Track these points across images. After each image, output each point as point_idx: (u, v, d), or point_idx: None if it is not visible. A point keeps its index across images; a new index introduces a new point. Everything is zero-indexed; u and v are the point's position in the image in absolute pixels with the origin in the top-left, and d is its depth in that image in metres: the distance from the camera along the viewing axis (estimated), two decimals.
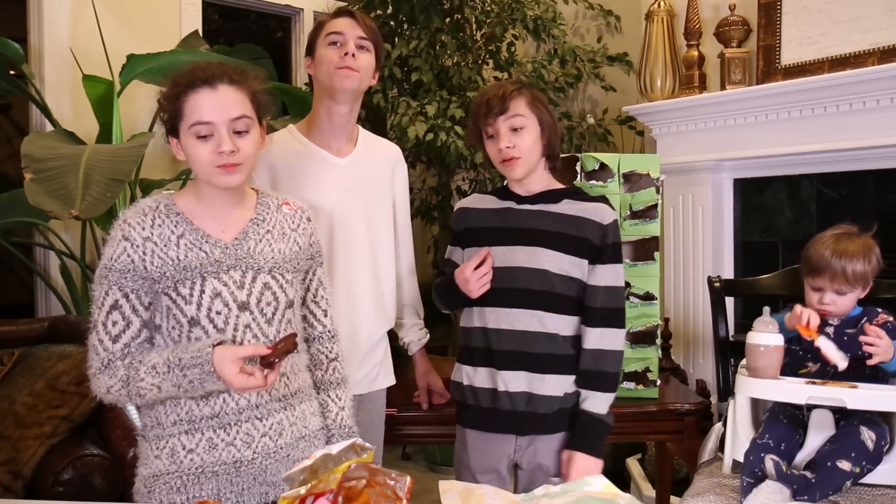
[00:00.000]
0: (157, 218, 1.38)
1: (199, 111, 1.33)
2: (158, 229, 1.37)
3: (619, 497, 1.12)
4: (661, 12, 3.27)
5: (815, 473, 1.50)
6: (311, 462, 1.00)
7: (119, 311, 1.35)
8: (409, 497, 0.96)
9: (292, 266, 1.47)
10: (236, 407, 1.37)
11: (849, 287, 1.66)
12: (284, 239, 1.47)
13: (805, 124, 2.84)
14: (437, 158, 3.18)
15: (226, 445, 1.36)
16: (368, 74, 1.79)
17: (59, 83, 3.06)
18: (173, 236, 1.37)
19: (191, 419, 1.36)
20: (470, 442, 1.73)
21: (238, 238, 1.41)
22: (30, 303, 3.13)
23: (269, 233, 1.46)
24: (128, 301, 1.35)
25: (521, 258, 1.67)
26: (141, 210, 1.38)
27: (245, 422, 1.37)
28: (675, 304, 3.26)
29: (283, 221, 1.49)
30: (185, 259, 1.35)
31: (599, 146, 3.64)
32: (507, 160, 1.66)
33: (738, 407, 1.72)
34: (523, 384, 1.66)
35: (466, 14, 3.35)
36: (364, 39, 1.77)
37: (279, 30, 4.13)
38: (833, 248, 1.66)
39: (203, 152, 1.33)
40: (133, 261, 1.34)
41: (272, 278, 1.42)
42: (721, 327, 2.15)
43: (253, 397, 1.38)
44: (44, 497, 2.03)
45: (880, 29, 2.68)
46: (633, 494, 2.97)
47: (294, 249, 1.48)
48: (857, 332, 1.64)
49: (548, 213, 1.71)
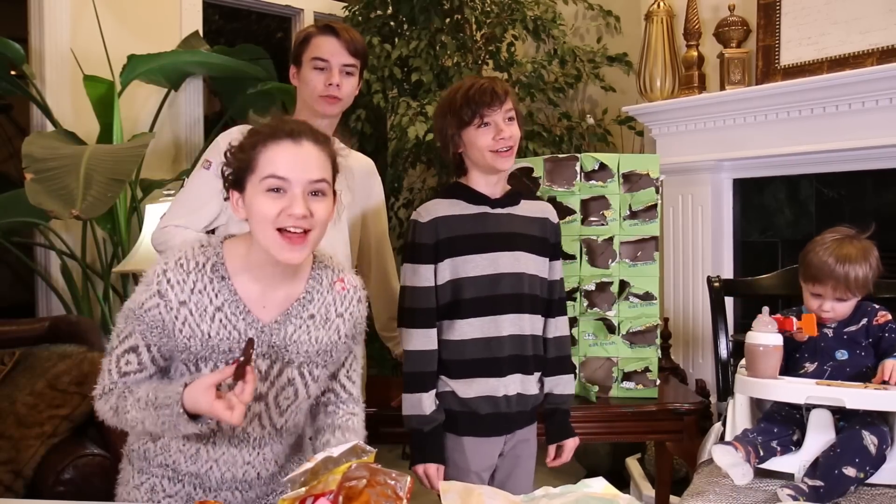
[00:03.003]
0: (199, 281, 1.25)
1: (274, 165, 1.19)
2: (198, 296, 1.25)
3: (619, 497, 1.12)
4: (660, 13, 3.27)
5: (822, 482, 1.50)
6: (313, 465, 1.00)
7: (136, 354, 1.28)
8: (409, 497, 0.96)
9: (324, 360, 1.35)
10: (220, 477, 1.34)
11: (850, 295, 1.65)
12: (327, 326, 1.34)
13: (804, 124, 2.85)
14: (437, 158, 3.18)
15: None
16: (352, 96, 1.85)
17: (59, 83, 3.06)
18: (211, 307, 1.25)
19: (175, 469, 1.34)
20: (468, 447, 1.72)
21: (278, 321, 1.30)
22: (30, 303, 3.14)
23: (313, 318, 1.32)
24: (148, 351, 1.28)
25: (505, 264, 1.69)
26: (184, 268, 1.25)
27: (226, 490, 1.35)
28: (675, 304, 3.26)
29: (330, 304, 1.35)
30: (216, 337, 1.26)
31: (599, 146, 3.64)
32: (507, 150, 1.67)
33: (737, 407, 1.72)
34: (518, 387, 1.71)
35: (466, 14, 3.35)
36: (349, 65, 1.79)
37: (279, 30, 4.13)
38: (836, 256, 1.62)
39: (271, 209, 1.18)
40: (164, 320, 1.24)
41: (299, 374, 1.32)
42: (720, 327, 2.15)
43: (239, 474, 1.34)
44: (45, 496, 2.03)
45: (879, 29, 2.68)
46: (632, 494, 2.98)
47: (334, 339, 1.35)
48: (860, 331, 1.66)
49: (518, 216, 1.74)
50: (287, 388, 1.32)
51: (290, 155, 1.19)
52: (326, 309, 1.34)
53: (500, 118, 1.66)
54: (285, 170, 1.19)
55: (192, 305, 1.24)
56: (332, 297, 1.35)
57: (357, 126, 3.42)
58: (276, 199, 1.19)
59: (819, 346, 1.69)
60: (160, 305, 1.24)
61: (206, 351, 1.26)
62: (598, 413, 2.16)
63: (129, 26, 3.26)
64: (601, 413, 2.16)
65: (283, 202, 1.18)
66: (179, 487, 1.34)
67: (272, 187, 1.19)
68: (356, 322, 1.39)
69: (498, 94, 1.66)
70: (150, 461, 1.35)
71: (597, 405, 2.17)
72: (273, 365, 1.30)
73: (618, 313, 2.22)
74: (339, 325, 1.36)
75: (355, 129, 3.43)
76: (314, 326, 1.32)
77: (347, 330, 1.37)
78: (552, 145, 3.46)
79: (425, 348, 1.68)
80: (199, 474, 1.34)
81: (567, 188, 2.22)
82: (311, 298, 1.33)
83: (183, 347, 1.26)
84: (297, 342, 1.31)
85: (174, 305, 1.24)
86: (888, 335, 1.66)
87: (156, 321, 1.25)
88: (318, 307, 1.33)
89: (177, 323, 1.24)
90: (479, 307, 1.68)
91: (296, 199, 1.18)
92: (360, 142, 3.48)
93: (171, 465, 1.34)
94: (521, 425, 1.75)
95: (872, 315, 1.68)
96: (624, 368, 2.21)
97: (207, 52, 3.23)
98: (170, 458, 1.34)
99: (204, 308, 1.25)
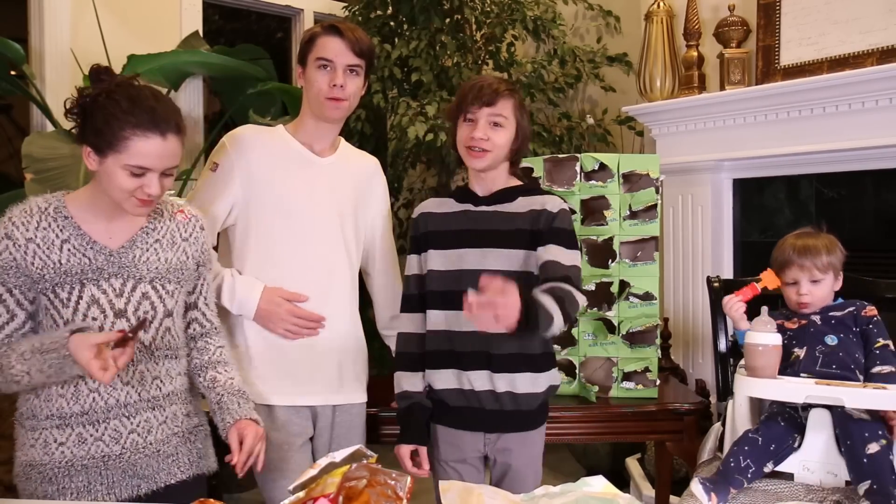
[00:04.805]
0: (42, 220, 1.40)
1: (140, 157, 1.36)
2: (43, 232, 1.39)
3: (619, 497, 1.12)
4: (660, 13, 3.27)
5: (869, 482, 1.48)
6: (316, 472, 1.00)
7: (3, 304, 1.40)
8: (409, 497, 0.96)
9: (176, 276, 1.51)
10: (105, 406, 1.43)
11: (820, 273, 1.71)
12: (174, 248, 1.52)
13: (804, 124, 2.85)
14: (437, 158, 3.18)
15: (94, 440, 1.42)
16: (357, 97, 1.84)
17: (59, 83, 3.06)
18: (57, 240, 1.40)
19: (62, 415, 1.42)
20: (441, 436, 1.76)
21: (125, 246, 1.46)
22: None
23: (158, 242, 1.50)
24: (11, 295, 1.40)
25: (469, 261, 1.70)
26: (28, 210, 1.41)
27: (113, 419, 1.43)
28: (675, 304, 3.26)
29: (174, 230, 1.54)
30: (67, 264, 1.39)
31: (599, 146, 3.64)
32: (475, 150, 1.68)
33: (737, 407, 1.72)
34: (486, 383, 1.69)
35: (466, 14, 3.35)
36: (354, 66, 1.79)
37: (279, 30, 4.13)
38: (794, 244, 1.75)
39: (130, 184, 1.37)
40: (15, 258, 1.38)
41: (152, 288, 1.47)
42: (720, 327, 2.15)
43: (122, 397, 1.44)
44: None
45: (879, 29, 2.68)
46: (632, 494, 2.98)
47: (181, 259, 1.53)
48: (847, 316, 1.71)
49: (501, 212, 1.73)
50: (143, 302, 1.46)
51: (156, 149, 1.36)
52: (172, 234, 1.53)
53: (484, 119, 1.68)
54: (150, 162, 1.36)
55: (39, 241, 1.39)
56: (174, 225, 1.54)
57: (357, 126, 3.42)
58: (135, 179, 1.37)
59: (808, 332, 1.71)
60: (9, 247, 1.38)
61: (59, 277, 1.39)
62: (598, 413, 2.16)
63: (129, 26, 3.26)
64: (601, 413, 2.16)
65: (143, 181, 1.37)
66: (69, 431, 1.42)
67: (135, 173, 1.36)
68: (202, 247, 1.58)
69: (485, 94, 1.67)
70: (38, 416, 1.43)
71: (597, 405, 2.17)
72: (126, 282, 1.44)
73: (618, 313, 2.22)
74: (186, 248, 1.54)
75: (355, 129, 3.43)
76: (161, 249, 1.50)
77: (194, 252, 1.56)
78: (552, 145, 3.46)
79: (406, 331, 1.80)
80: (84, 411, 1.42)
81: (567, 188, 2.22)
82: (154, 227, 1.51)
83: (38, 277, 1.38)
84: (147, 262, 1.47)
85: (22, 243, 1.38)
86: (872, 328, 1.70)
87: (8, 262, 1.38)
88: (163, 233, 1.52)
89: (27, 257, 1.38)
90: (443, 300, 1.72)
91: (153, 180, 1.38)
92: (360, 142, 3.48)
93: (56, 414, 1.41)
94: (503, 428, 1.72)
95: (861, 307, 1.73)
96: (624, 368, 2.21)
97: (207, 52, 3.23)
98: (54, 407, 1.42)
99: (51, 242, 1.39)
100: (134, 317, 1.44)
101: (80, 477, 1.42)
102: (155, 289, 1.47)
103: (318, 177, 1.84)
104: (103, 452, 1.42)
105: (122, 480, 1.44)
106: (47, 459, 1.41)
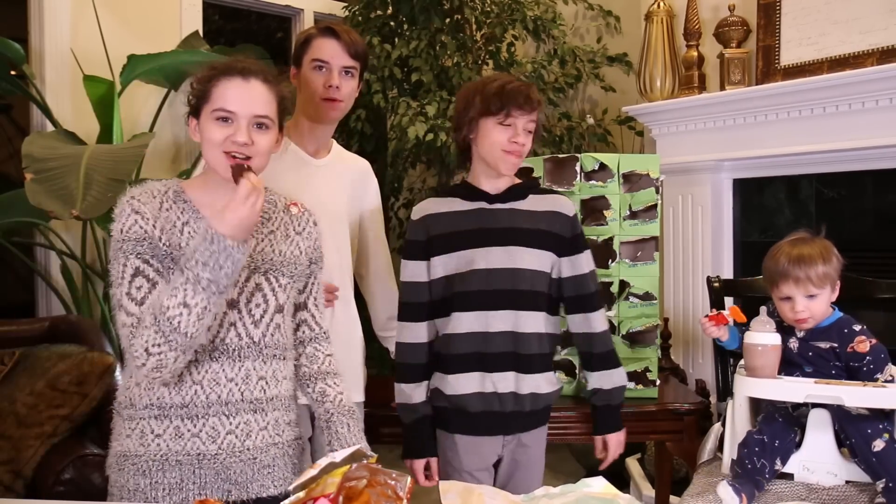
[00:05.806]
0: (165, 202, 1.39)
1: (224, 99, 1.34)
2: (166, 213, 1.37)
3: (619, 497, 1.12)
4: (660, 13, 3.27)
5: (884, 481, 1.47)
6: (316, 472, 1.00)
7: (142, 275, 1.33)
8: (409, 497, 0.96)
9: (289, 270, 1.46)
10: (206, 400, 1.37)
11: (816, 288, 1.61)
12: (288, 241, 1.48)
13: (804, 124, 2.85)
14: (437, 158, 3.18)
15: (191, 436, 1.37)
16: (352, 98, 1.85)
17: (59, 83, 3.06)
18: (178, 222, 1.37)
19: (161, 405, 1.37)
20: (461, 446, 1.72)
21: None
22: (30, 303, 3.14)
23: (273, 233, 1.46)
24: (149, 265, 1.34)
25: (498, 259, 1.68)
26: (150, 192, 1.39)
27: (213, 416, 1.38)
28: (675, 304, 3.26)
29: (288, 223, 1.50)
30: (187, 247, 1.34)
31: (599, 146, 3.64)
32: (517, 154, 1.69)
33: (736, 407, 1.72)
34: (512, 385, 1.68)
35: (466, 14, 3.36)
36: (349, 68, 1.80)
37: (279, 30, 4.13)
38: (789, 254, 1.63)
39: (217, 135, 1.33)
40: (146, 231, 1.34)
41: (265, 280, 1.42)
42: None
43: (224, 393, 1.38)
44: (44, 496, 2.03)
45: (879, 29, 2.68)
46: (632, 494, 2.98)
47: (295, 253, 1.48)
48: (829, 351, 1.61)
49: (521, 210, 1.73)
50: (256, 294, 1.41)
51: (238, 91, 1.34)
52: (285, 227, 1.49)
53: (522, 124, 1.69)
54: (233, 105, 1.33)
55: (163, 221, 1.37)
56: (288, 218, 1.51)
57: (357, 126, 3.42)
58: (223, 127, 1.34)
59: (785, 358, 1.65)
60: (138, 221, 1.35)
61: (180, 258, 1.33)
62: None
63: (129, 26, 3.26)
64: None
65: (230, 129, 1.34)
66: (167, 424, 1.37)
67: (220, 117, 1.34)
68: (315, 243, 1.53)
69: (532, 101, 1.68)
70: (136, 405, 1.38)
71: None
72: (241, 272, 1.38)
73: (618, 313, 2.22)
74: (299, 242, 1.50)
75: (355, 129, 3.43)
76: (275, 241, 1.46)
77: (307, 248, 1.51)
78: (552, 145, 3.47)
79: (411, 341, 1.74)
80: (184, 404, 1.37)
81: (567, 188, 2.22)
82: (269, 217, 1.48)
83: (164, 255, 1.35)
84: (262, 252, 1.43)
85: (149, 218, 1.36)
86: (865, 368, 1.57)
87: (140, 235, 1.34)
88: (278, 224, 1.48)
89: (155, 231, 1.35)
90: (471, 302, 1.69)
91: (240, 129, 1.33)
92: (360, 142, 3.48)
93: (155, 404, 1.37)
94: (520, 428, 1.73)
95: (849, 339, 1.61)
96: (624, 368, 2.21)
97: (207, 52, 3.23)
98: (154, 396, 1.37)
99: (173, 223, 1.37)
100: (245, 309, 1.39)
101: (174, 473, 1.37)
102: (268, 280, 1.43)
103: (313, 178, 1.84)
104: (199, 450, 1.37)
105: (215, 483, 1.38)
106: (143, 451, 1.37)
